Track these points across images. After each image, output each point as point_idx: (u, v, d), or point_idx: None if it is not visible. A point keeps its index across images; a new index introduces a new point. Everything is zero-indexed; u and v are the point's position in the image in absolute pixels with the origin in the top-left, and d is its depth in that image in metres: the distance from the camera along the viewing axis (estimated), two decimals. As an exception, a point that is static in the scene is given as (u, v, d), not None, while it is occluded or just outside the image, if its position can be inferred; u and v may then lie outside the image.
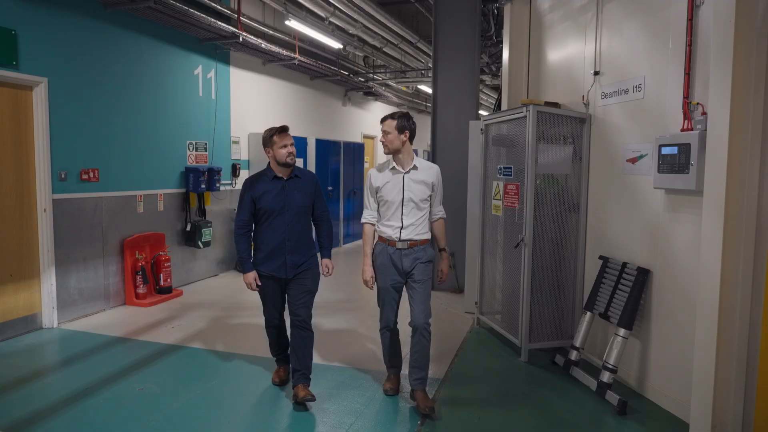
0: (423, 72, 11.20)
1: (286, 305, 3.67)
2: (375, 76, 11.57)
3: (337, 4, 7.21)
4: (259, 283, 3.54)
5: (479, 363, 4.42)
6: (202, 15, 6.14)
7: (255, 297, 3.82)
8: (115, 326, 5.22)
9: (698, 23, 3.29)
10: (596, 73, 4.34)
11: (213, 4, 6.62)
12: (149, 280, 6.17)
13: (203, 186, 6.98)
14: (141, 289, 6.04)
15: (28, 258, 4.98)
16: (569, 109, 4.63)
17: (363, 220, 3.59)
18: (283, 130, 3.47)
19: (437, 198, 3.57)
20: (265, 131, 3.52)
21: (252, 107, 8.34)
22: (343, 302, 6.26)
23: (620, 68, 4.09)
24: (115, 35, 5.72)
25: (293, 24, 7.42)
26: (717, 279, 2.91)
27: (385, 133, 3.47)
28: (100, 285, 5.68)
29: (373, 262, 3.52)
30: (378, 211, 3.55)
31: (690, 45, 3.33)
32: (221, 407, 3.55)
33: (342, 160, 10.54)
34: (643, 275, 3.72)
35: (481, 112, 12.59)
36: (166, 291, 6.32)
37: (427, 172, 3.51)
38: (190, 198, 6.98)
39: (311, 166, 9.29)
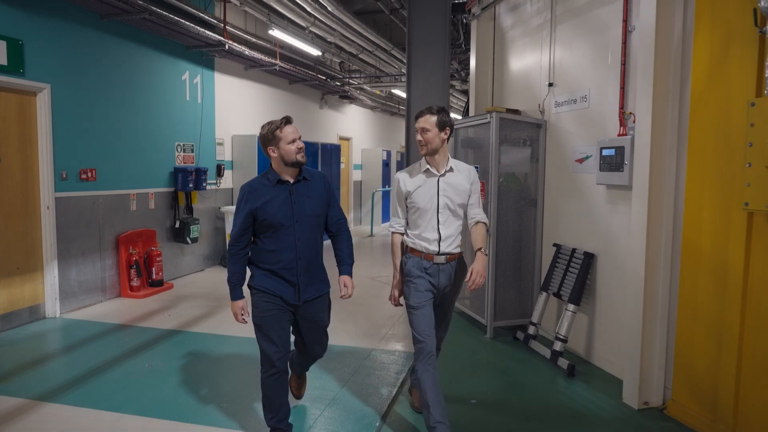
0: (396, 77, 11.76)
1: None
2: (351, 81, 12.08)
3: (316, 15, 7.70)
4: (247, 315, 2.90)
5: (451, 340, 4.97)
6: (192, 25, 6.56)
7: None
8: (115, 315, 5.61)
9: (630, 45, 3.92)
10: (550, 84, 4.96)
11: (200, 14, 7.04)
12: (142, 274, 6.56)
13: (191, 185, 7.38)
14: (135, 282, 6.43)
15: (32, 252, 5.34)
16: (528, 115, 5.25)
17: (391, 229, 3.20)
18: (288, 121, 2.85)
19: (475, 201, 3.14)
20: (265, 127, 2.86)
21: (234, 110, 8.76)
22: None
23: (570, 81, 4.72)
24: (110, 43, 6.11)
25: (276, 33, 7.89)
26: (642, 259, 3.54)
27: (423, 130, 3.02)
28: (98, 278, 6.06)
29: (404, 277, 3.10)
30: (407, 219, 3.16)
31: (624, 63, 3.96)
32: (223, 379, 4.02)
33: (320, 161, 11.02)
34: (589, 259, 4.35)
35: (452, 115, 13.06)
36: (158, 284, 6.72)
37: (464, 174, 3.10)
38: (178, 196, 7.38)
39: (291, 167, 9.73)
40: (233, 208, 8.05)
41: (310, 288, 2.93)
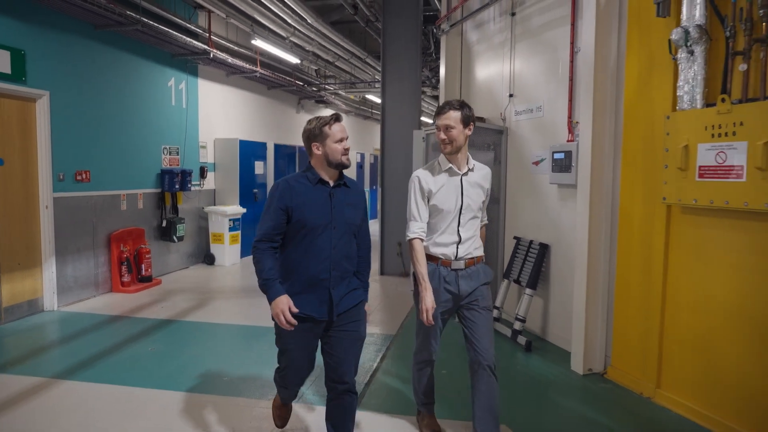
0: (371, 83, 12.30)
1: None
2: (327, 86, 12.57)
3: (296, 26, 8.18)
4: (294, 310, 2.49)
5: (423, 325, 5.55)
6: (180, 35, 6.98)
7: (231, 284, 4.15)
8: (110, 308, 5.99)
9: (577, 63, 4.55)
10: (511, 95, 5.58)
11: (186, 24, 7.46)
12: (133, 270, 6.92)
13: (177, 186, 7.77)
14: (126, 278, 6.80)
15: (32, 249, 5.69)
16: (491, 123, 5.85)
17: (412, 235, 2.86)
18: (338, 119, 2.62)
19: (486, 203, 3.06)
20: (312, 121, 2.63)
21: (217, 115, 9.16)
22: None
23: (528, 93, 5.33)
24: (102, 52, 6.47)
25: (258, 43, 8.34)
26: (586, 248, 4.16)
27: (447, 128, 2.80)
28: (91, 273, 6.41)
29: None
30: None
31: (571, 79, 4.59)
32: (222, 357, 4.48)
33: (298, 163, 11.48)
34: (544, 249, 4.96)
35: (423, 118, 13.82)
36: (147, 280, 7.09)
37: (482, 173, 2.97)
38: (165, 197, 7.75)
39: (271, 169, 10.19)
40: (216, 208, 8.54)
41: (347, 298, 2.64)
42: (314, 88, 12.14)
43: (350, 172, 14.78)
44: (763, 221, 3.02)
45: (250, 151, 9.50)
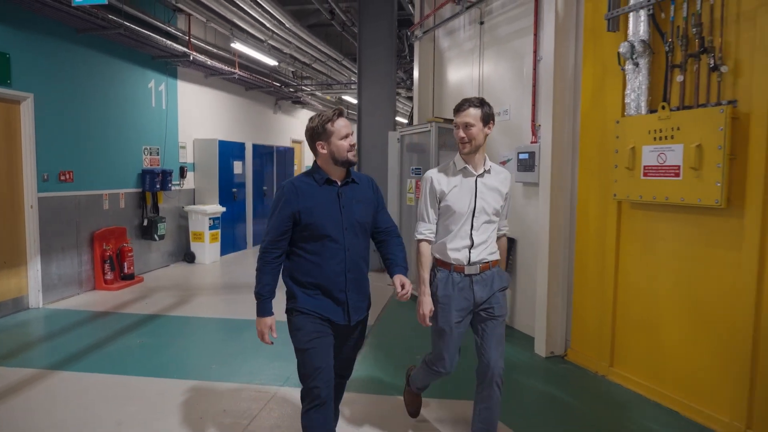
0: (347, 84, 12.58)
1: None
2: (303, 87, 12.80)
3: (274, 30, 8.42)
4: (275, 336, 2.51)
5: (396, 314, 5.86)
6: (161, 38, 7.16)
7: (212, 281, 4.52)
8: (95, 305, 6.15)
9: (539, 71, 4.92)
10: (480, 99, 5.93)
11: (166, 27, 7.62)
12: (115, 268, 7.07)
13: (158, 186, 7.92)
14: (109, 276, 6.95)
15: (17, 247, 5.81)
16: (462, 124, 6.19)
17: (419, 236, 2.80)
18: (340, 113, 2.51)
19: (506, 212, 2.90)
20: (314, 119, 2.52)
21: (196, 116, 9.33)
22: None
23: (496, 97, 5.69)
24: (85, 56, 6.62)
25: (237, 46, 8.55)
26: (547, 240, 4.53)
27: (466, 126, 2.67)
28: (75, 272, 6.55)
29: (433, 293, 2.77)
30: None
31: (534, 85, 4.96)
32: (209, 348, 4.73)
33: (275, 163, 11.69)
34: (511, 243, 5.33)
35: (398, 119, 14.15)
36: (130, 277, 7.24)
37: (500, 176, 2.84)
38: (146, 196, 7.91)
39: (249, 169, 10.38)
40: (196, 207, 8.73)
41: (361, 305, 2.61)
42: (291, 89, 12.36)
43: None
44: (697, 214, 3.42)
45: (229, 151, 9.69)
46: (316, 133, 2.49)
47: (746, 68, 3.13)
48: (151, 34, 6.89)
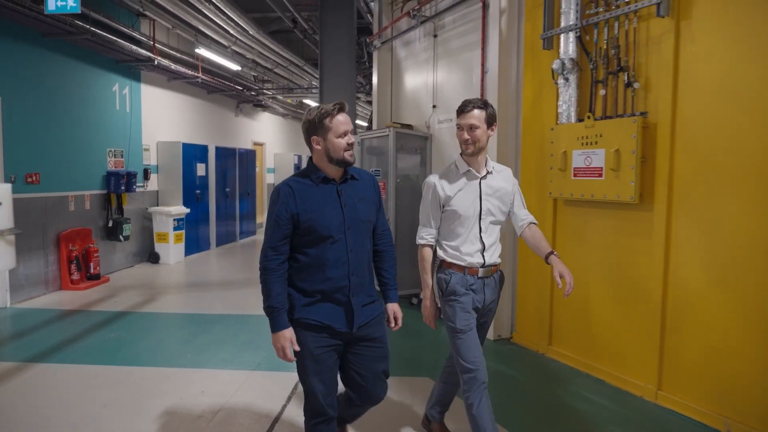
0: (308, 89, 12.90)
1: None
2: (265, 91, 13.04)
3: (238, 36, 8.69)
4: (296, 348, 2.31)
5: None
6: (126, 43, 7.33)
7: (177, 280, 4.74)
8: (63, 303, 6.29)
9: (486, 82, 5.41)
10: (434, 106, 6.41)
11: (130, 32, 7.78)
12: (82, 268, 7.20)
13: (122, 188, 8.07)
14: (75, 276, 7.07)
15: (-15, 248, 5.91)
16: (418, 130, 6.67)
17: (422, 241, 2.77)
18: (341, 108, 2.32)
19: (520, 201, 2.88)
20: (313, 111, 2.32)
21: (159, 119, 9.48)
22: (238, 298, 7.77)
23: (448, 104, 6.18)
24: (51, 59, 6.74)
25: (202, 51, 8.77)
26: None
27: (471, 127, 2.65)
28: (42, 272, 6.66)
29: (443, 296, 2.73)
30: (439, 229, 2.78)
31: (482, 94, 5.46)
32: (182, 339, 5.00)
33: (237, 165, 11.89)
34: (463, 238, 5.81)
35: (358, 122, 14.52)
36: (96, 277, 7.38)
37: (503, 175, 2.83)
38: (111, 198, 8.03)
39: (212, 171, 10.57)
40: (161, 208, 8.89)
41: (366, 309, 2.40)
42: (253, 93, 12.59)
43: (288, 173, 15.28)
44: (617, 209, 3.97)
45: (192, 154, 9.87)
46: (312, 127, 2.31)
47: (654, 85, 3.70)
48: (116, 39, 7.07)
